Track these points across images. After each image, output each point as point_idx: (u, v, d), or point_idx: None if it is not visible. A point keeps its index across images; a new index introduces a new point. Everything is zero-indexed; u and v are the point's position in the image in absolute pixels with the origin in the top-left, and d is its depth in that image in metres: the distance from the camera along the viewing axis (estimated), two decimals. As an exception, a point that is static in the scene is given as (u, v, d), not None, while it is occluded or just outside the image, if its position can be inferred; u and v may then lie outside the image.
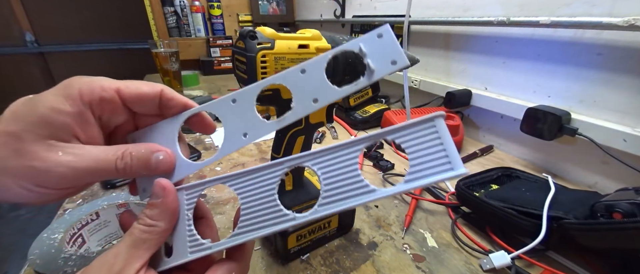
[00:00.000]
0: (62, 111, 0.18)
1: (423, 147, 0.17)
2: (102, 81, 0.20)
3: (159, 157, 0.21)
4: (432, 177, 0.16)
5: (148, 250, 0.19)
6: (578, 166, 0.59)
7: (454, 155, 0.16)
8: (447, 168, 0.16)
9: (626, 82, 0.50)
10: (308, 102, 0.20)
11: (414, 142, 0.17)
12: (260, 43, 0.28)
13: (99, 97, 0.19)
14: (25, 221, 1.73)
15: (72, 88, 0.18)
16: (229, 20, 1.55)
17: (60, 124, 0.18)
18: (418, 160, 0.17)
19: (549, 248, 0.40)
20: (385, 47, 0.19)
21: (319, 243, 0.40)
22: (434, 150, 0.17)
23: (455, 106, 0.73)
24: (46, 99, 0.18)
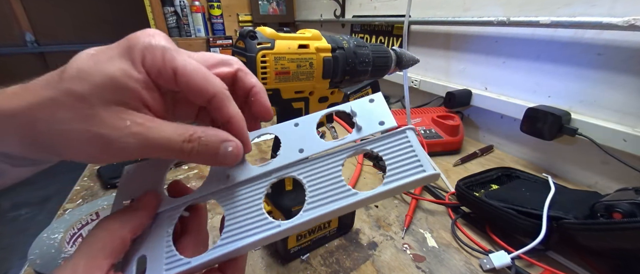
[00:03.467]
0: (132, 75, 0.16)
1: (398, 154, 0.20)
2: (165, 50, 0.17)
3: (227, 149, 0.19)
4: (407, 179, 0.19)
5: (107, 258, 0.17)
6: (578, 166, 0.59)
7: (424, 159, 0.19)
8: (419, 170, 0.19)
9: (626, 82, 0.50)
10: (294, 152, 0.22)
11: (390, 151, 0.20)
12: (260, 43, 0.28)
13: (157, 70, 0.17)
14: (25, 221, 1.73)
15: (135, 51, 0.17)
16: (229, 20, 1.55)
17: (130, 90, 0.16)
18: (394, 165, 0.19)
19: (549, 248, 0.40)
20: (376, 110, 0.22)
21: (319, 243, 0.40)
22: (408, 156, 0.19)
23: (455, 106, 0.73)
24: (113, 59, 0.16)
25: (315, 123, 0.22)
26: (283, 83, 0.30)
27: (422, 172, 0.18)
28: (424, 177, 0.18)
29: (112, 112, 0.16)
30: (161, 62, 0.17)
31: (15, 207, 1.82)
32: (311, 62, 0.31)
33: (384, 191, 0.19)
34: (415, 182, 0.19)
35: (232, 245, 0.19)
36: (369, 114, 0.22)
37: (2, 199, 1.87)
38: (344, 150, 0.21)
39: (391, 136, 0.20)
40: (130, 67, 0.16)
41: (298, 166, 0.21)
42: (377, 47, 0.37)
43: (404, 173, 0.19)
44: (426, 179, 0.19)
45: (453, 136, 0.68)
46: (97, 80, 0.16)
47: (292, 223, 0.18)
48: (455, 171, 0.61)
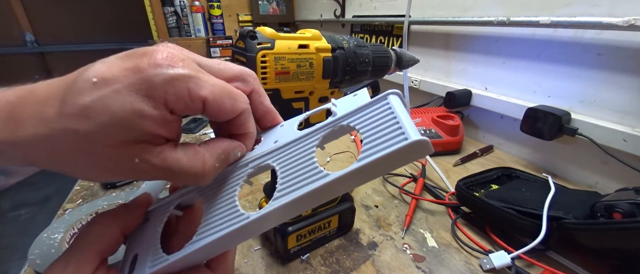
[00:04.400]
0: (146, 115, 0.15)
1: (376, 124, 0.16)
2: (189, 80, 0.16)
3: (237, 155, 0.20)
4: (385, 150, 0.15)
5: (97, 253, 0.17)
6: (578, 166, 0.59)
7: (408, 125, 0.15)
8: (401, 139, 0.15)
9: (626, 82, 0.50)
10: (269, 143, 0.21)
11: (368, 122, 0.17)
12: (260, 43, 0.28)
13: (184, 105, 0.16)
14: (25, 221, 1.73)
15: (155, 88, 0.15)
16: (229, 20, 1.55)
17: (144, 130, 0.15)
18: (371, 137, 0.16)
19: (549, 248, 0.39)
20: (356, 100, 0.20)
21: (319, 243, 0.40)
22: (388, 124, 0.16)
23: (455, 106, 0.73)
24: (121, 94, 0.14)
25: (298, 120, 0.22)
26: (283, 83, 0.30)
27: (403, 141, 0.15)
28: (405, 146, 0.15)
29: (120, 151, 0.15)
30: (188, 96, 0.16)
31: (15, 207, 1.82)
32: (311, 62, 0.31)
33: (358, 167, 0.15)
34: (397, 154, 0.15)
35: (203, 241, 0.18)
36: (348, 104, 0.19)
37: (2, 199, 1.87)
38: (317, 129, 0.19)
39: (370, 105, 0.18)
40: (145, 106, 0.15)
41: (273, 153, 0.19)
42: (377, 47, 0.37)
43: (381, 145, 0.15)
44: (410, 150, 0.15)
45: (453, 136, 0.68)
46: (103, 120, 0.14)
47: (259, 213, 0.17)
48: (455, 171, 0.61)
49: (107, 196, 0.49)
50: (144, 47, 0.16)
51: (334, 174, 0.16)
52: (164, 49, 0.16)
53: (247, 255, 0.39)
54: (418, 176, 0.55)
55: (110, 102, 0.14)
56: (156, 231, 0.20)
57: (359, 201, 0.50)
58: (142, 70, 0.15)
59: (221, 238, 0.17)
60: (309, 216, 0.37)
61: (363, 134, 0.16)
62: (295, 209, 0.17)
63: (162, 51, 0.16)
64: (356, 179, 0.16)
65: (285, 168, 0.18)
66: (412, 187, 0.54)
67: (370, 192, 0.53)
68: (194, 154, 0.17)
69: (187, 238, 0.21)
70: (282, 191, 0.17)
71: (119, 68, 0.14)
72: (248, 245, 0.40)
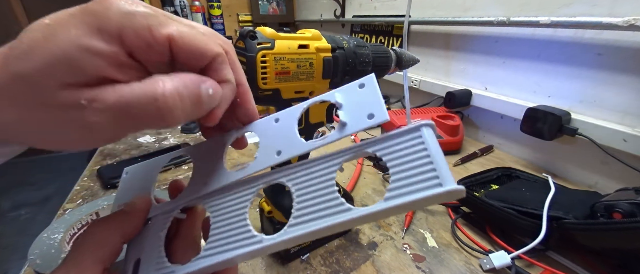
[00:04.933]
0: (93, 50, 0.13)
1: (407, 160, 0.15)
2: (149, 17, 0.14)
3: (208, 91, 0.16)
4: (416, 194, 0.14)
5: (97, 265, 0.16)
6: (578, 166, 0.59)
7: (443, 169, 0.14)
8: (434, 184, 0.14)
9: (626, 82, 0.50)
10: (271, 154, 0.19)
11: (397, 155, 0.15)
12: (260, 43, 0.28)
13: (146, 44, 0.14)
14: (25, 221, 1.73)
15: (109, 20, 0.13)
16: (229, 20, 1.55)
17: (90, 68, 0.13)
18: (401, 174, 0.15)
19: (549, 248, 0.39)
20: (365, 98, 0.17)
21: (319, 243, 0.40)
22: (420, 163, 0.15)
23: (455, 106, 0.73)
24: (69, 29, 0.13)
25: (296, 118, 0.19)
26: (283, 83, 0.30)
27: (437, 187, 0.13)
28: (439, 194, 0.13)
29: (66, 93, 0.13)
30: (149, 34, 0.14)
31: (15, 207, 1.82)
32: (311, 62, 0.31)
33: (385, 209, 0.14)
34: (428, 199, 0.14)
35: (212, 259, 0.17)
36: (357, 104, 0.18)
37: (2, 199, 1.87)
38: (338, 153, 0.17)
39: (400, 135, 0.16)
40: (96, 42, 0.13)
41: (286, 171, 0.18)
42: (377, 47, 0.37)
43: (412, 187, 0.14)
44: (443, 197, 0.14)
45: (453, 136, 0.68)
46: (47, 58, 0.12)
47: (274, 239, 0.16)
48: (456, 171, 0.61)
49: (107, 196, 0.49)
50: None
51: (357, 210, 0.15)
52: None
53: (247, 255, 0.39)
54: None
55: (56, 38, 0.13)
56: (159, 237, 0.19)
57: (359, 201, 0.50)
58: (93, 6, 0.13)
59: (231, 259, 0.17)
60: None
61: (391, 170, 0.15)
62: (309, 238, 0.16)
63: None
64: (378, 217, 0.15)
65: (301, 192, 0.17)
66: (412, 187, 0.54)
67: (370, 192, 0.53)
68: (150, 80, 0.14)
69: (190, 241, 0.21)
70: (299, 218, 0.16)
71: (73, 9, 0.13)
72: (248, 245, 0.40)
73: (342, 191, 0.40)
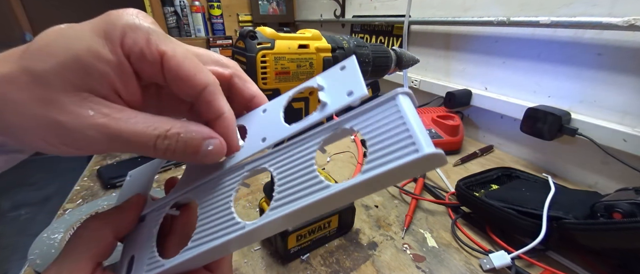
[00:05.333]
0: (102, 56, 0.14)
1: (383, 130, 0.14)
2: (150, 32, 0.15)
3: (208, 147, 0.17)
4: (393, 163, 0.13)
5: (90, 260, 0.17)
6: (578, 166, 0.59)
7: (419, 134, 0.13)
8: (410, 150, 0.13)
9: (626, 82, 0.50)
10: (257, 141, 0.19)
11: (374, 127, 0.15)
12: (260, 43, 0.28)
13: (140, 52, 0.15)
14: (25, 221, 1.73)
15: (114, 29, 0.14)
16: (229, 20, 1.55)
17: (99, 74, 0.14)
18: (377, 146, 0.14)
19: (549, 248, 0.40)
20: (345, 79, 0.17)
21: (319, 243, 0.40)
22: (396, 132, 0.14)
23: (455, 106, 0.73)
24: (82, 35, 0.14)
25: (282, 106, 0.19)
26: (283, 83, 0.30)
27: (413, 153, 0.13)
28: (416, 160, 0.13)
29: (74, 98, 0.14)
30: (145, 43, 0.15)
31: (15, 207, 1.82)
32: (311, 62, 0.31)
33: (362, 181, 0.14)
34: (406, 168, 0.13)
35: (198, 249, 0.17)
36: (338, 85, 0.17)
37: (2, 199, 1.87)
38: (317, 133, 0.17)
39: (376, 106, 0.15)
40: (101, 47, 0.14)
41: (269, 156, 0.18)
42: (377, 47, 0.37)
43: (389, 157, 0.13)
44: (421, 164, 0.13)
45: (453, 136, 0.68)
46: (61, 59, 0.13)
47: (256, 224, 0.16)
48: (455, 171, 0.61)
49: (107, 196, 0.49)
50: None
51: (336, 186, 0.15)
52: (138, 10, 0.16)
53: (247, 255, 0.39)
54: (418, 176, 0.55)
55: (71, 41, 0.14)
56: (152, 233, 0.20)
57: (359, 201, 0.50)
58: (110, 15, 0.15)
59: (216, 247, 0.17)
60: (309, 216, 0.37)
61: (368, 142, 0.15)
62: (293, 220, 0.16)
63: (134, 10, 0.16)
64: (359, 192, 0.15)
65: (282, 175, 0.17)
66: (412, 187, 0.54)
67: (370, 192, 0.53)
68: (156, 119, 0.16)
69: (183, 237, 0.21)
70: (280, 200, 0.16)
71: (95, 19, 0.15)
72: (248, 245, 0.41)
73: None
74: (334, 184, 0.15)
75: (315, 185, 0.15)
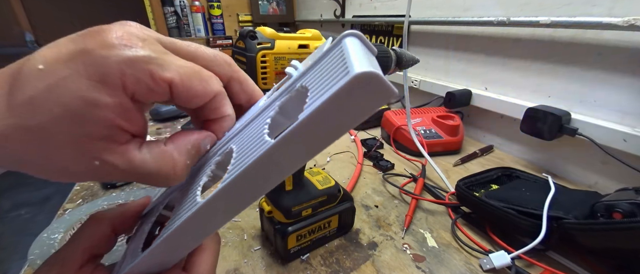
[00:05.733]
0: (99, 104, 0.13)
1: (325, 74, 0.13)
2: (150, 61, 0.14)
3: (206, 147, 0.18)
4: (323, 96, 0.12)
5: (86, 250, 0.18)
6: (578, 166, 0.59)
7: (354, 58, 0.12)
8: (342, 74, 0.12)
9: (626, 82, 0.50)
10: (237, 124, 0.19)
11: (318, 76, 0.14)
12: (260, 43, 0.28)
13: (146, 88, 0.14)
14: (25, 221, 1.73)
15: (111, 69, 0.13)
16: (229, 20, 1.55)
17: (98, 121, 0.13)
18: (315, 89, 0.13)
19: (549, 248, 0.40)
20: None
21: (319, 243, 0.40)
22: (335, 67, 0.13)
23: (455, 105, 0.73)
24: (70, 82, 0.12)
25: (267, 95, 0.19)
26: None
27: (345, 76, 0.11)
28: (347, 85, 0.11)
29: (77, 150, 0.13)
30: (150, 79, 0.14)
31: (15, 207, 1.82)
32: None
33: (297, 126, 0.12)
34: (340, 99, 0.12)
35: (165, 233, 0.16)
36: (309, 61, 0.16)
37: (2, 199, 1.87)
38: (273, 101, 0.16)
39: (324, 55, 0.14)
40: (97, 93, 0.13)
41: (236, 136, 0.17)
42: (377, 47, 0.37)
43: (322, 89, 0.12)
44: (356, 90, 0.11)
45: (453, 136, 0.68)
46: (54, 113, 0.12)
47: (207, 197, 0.15)
48: (455, 171, 0.61)
49: (107, 196, 0.49)
50: (99, 26, 0.14)
51: (274, 140, 0.13)
52: (120, 28, 0.14)
53: (247, 255, 0.39)
54: (418, 176, 0.55)
55: (59, 91, 0.12)
56: (143, 231, 0.20)
57: (359, 201, 0.51)
58: (92, 52, 0.13)
59: (179, 229, 0.16)
60: (309, 216, 0.37)
61: (310, 89, 0.13)
62: (246, 189, 0.15)
63: (116, 30, 0.14)
64: (303, 143, 0.13)
65: (240, 148, 0.16)
66: (412, 187, 0.54)
67: (370, 192, 0.53)
68: (161, 155, 0.16)
69: None
70: (231, 171, 0.15)
71: (68, 51, 0.13)
72: (248, 245, 0.40)
73: (342, 191, 0.40)
74: (273, 139, 0.13)
75: (260, 144, 0.14)
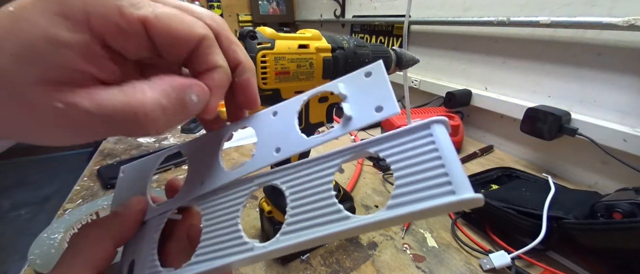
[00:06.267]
0: (60, 41, 0.12)
1: (414, 162, 0.13)
2: (121, 1, 0.13)
3: (190, 97, 0.15)
4: (425, 202, 0.12)
5: (89, 271, 0.16)
6: (578, 166, 0.59)
7: (457, 173, 0.12)
8: (445, 191, 0.12)
9: (626, 82, 0.50)
10: (270, 151, 0.17)
11: (402, 156, 0.13)
12: (260, 43, 0.28)
13: (116, 28, 0.13)
14: (25, 221, 1.73)
15: (74, 6, 0.12)
16: (229, 20, 1.55)
17: (61, 61, 0.12)
18: (406, 179, 0.13)
19: (549, 248, 0.39)
20: (372, 89, 0.15)
21: (319, 243, 0.40)
22: (429, 166, 0.12)
23: (455, 106, 0.73)
24: (33, 18, 0.12)
25: (296, 111, 0.18)
26: (283, 83, 0.30)
27: (449, 195, 0.11)
28: (451, 203, 0.11)
29: (38, 92, 0.12)
30: (118, 15, 0.12)
31: (15, 207, 1.82)
32: (311, 62, 0.31)
33: (388, 218, 0.12)
34: (437, 209, 0.12)
35: (201, 266, 0.16)
36: (363, 96, 0.16)
37: (2, 199, 1.87)
38: (336, 154, 0.15)
39: (407, 133, 0.14)
40: (60, 29, 0.12)
41: (281, 172, 0.17)
42: (377, 47, 0.37)
43: (419, 194, 0.12)
44: (455, 206, 0.12)
45: (453, 136, 0.67)
46: (14, 50, 0.11)
47: (266, 248, 0.15)
48: (455, 171, 0.61)
49: (107, 196, 0.49)
50: None
51: (356, 219, 0.13)
52: None
53: (247, 255, 0.39)
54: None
55: (22, 28, 0.12)
56: (153, 239, 0.19)
57: (359, 201, 0.50)
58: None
59: (220, 267, 0.16)
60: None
61: (395, 173, 0.13)
62: (303, 247, 0.15)
63: None
64: (380, 227, 0.13)
65: (296, 196, 0.15)
66: (412, 187, 0.54)
67: (370, 192, 0.53)
68: (131, 88, 0.13)
69: (183, 242, 0.20)
70: (292, 225, 0.15)
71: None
72: (248, 245, 0.40)
73: (342, 191, 0.40)
74: (355, 217, 0.13)
75: (333, 214, 0.14)
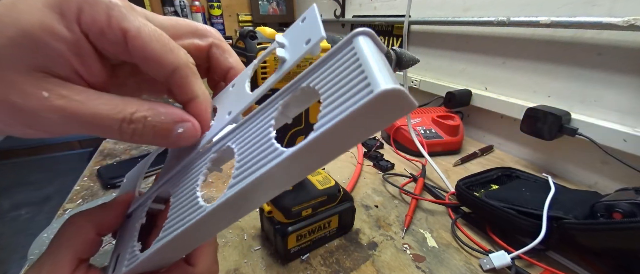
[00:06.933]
0: (56, 33, 0.13)
1: (339, 78, 0.12)
2: (111, 6, 0.14)
3: (178, 131, 0.16)
4: (343, 113, 0.11)
5: (72, 258, 0.17)
6: (578, 166, 0.59)
7: (375, 71, 0.11)
8: (364, 93, 0.11)
9: (626, 82, 0.50)
10: (223, 116, 0.18)
11: (329, 78, 0.13)
12: (260, 43, 0.28)
13: (99, 30, 0.14)
14: (25, 221, 1.73)
15: (70, 5, 0.13)
16: (229, 20, 1.55)
17: (53, 52, 0.13)
18: (330, 99, 0.12)
19: (549, 248, 0.39)
20: (305, 29, 0.16)
21: (319, 243, 0.40)
22: (351, 77, 0.12)
23: (455, 106, 0.73)
24: (33, 9, 0.13)
25: (248, 76, 0.18)
26: (283, 83, 0.30)
27: (368, 94, 0.11)
28: (371, 102, 0.11)
29: (28, 78, 0.13)
30: (105, 20, 0.13)
31: (15, 207, 1.82)
32: (311, 61, 0.31)
33: (314, 139, 0.12)
34: (361, 115, 0.11)
35: (166, 238, 0.16)
36: (297, 38, 0.16)
37: (2, 199, 1.87)
38: (275, 99, 0.15)
39: (334, 53, 0.13)
40: (55, 22, 0.13)
41: (233, 133, 0.17)
42: (377, 47, 0.37)
43: (340, 107, 0.11)
44: (378, 106, 0.11)
45: (453, 136, 0.68)
46: (11, 34, 0.12)
47: (214, 205, 0.15)
48: (455, 171, 0.61)
49: (107, 196, 0.49)
50: None
51: (289, 150, 0.13)
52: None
53: (247, 255, 0.39)
54: (418, 176, 0.55)
55: (21, 14, 0.12)
56: (134, 228, 0.19)
57: (359, 201, 0.50)
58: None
59: (183, 234, 0.16)
60: (309, 216, 0.37)
61: (322, 97, 0.13)
62: (253, 195, 0.15)
63: None
64: (317, 153, 0.13)
65: (242, 150, 0.15)
66: (412, 187, 0.54)
67: (370, 192, 0.53)
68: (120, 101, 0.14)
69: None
70: (238, 176, 0.14)
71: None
72: (248, 245, 0.40)
73: (342, 191, 0.40)
74: (288, 149, 0.13)
75: (271, 153, 0.14)
